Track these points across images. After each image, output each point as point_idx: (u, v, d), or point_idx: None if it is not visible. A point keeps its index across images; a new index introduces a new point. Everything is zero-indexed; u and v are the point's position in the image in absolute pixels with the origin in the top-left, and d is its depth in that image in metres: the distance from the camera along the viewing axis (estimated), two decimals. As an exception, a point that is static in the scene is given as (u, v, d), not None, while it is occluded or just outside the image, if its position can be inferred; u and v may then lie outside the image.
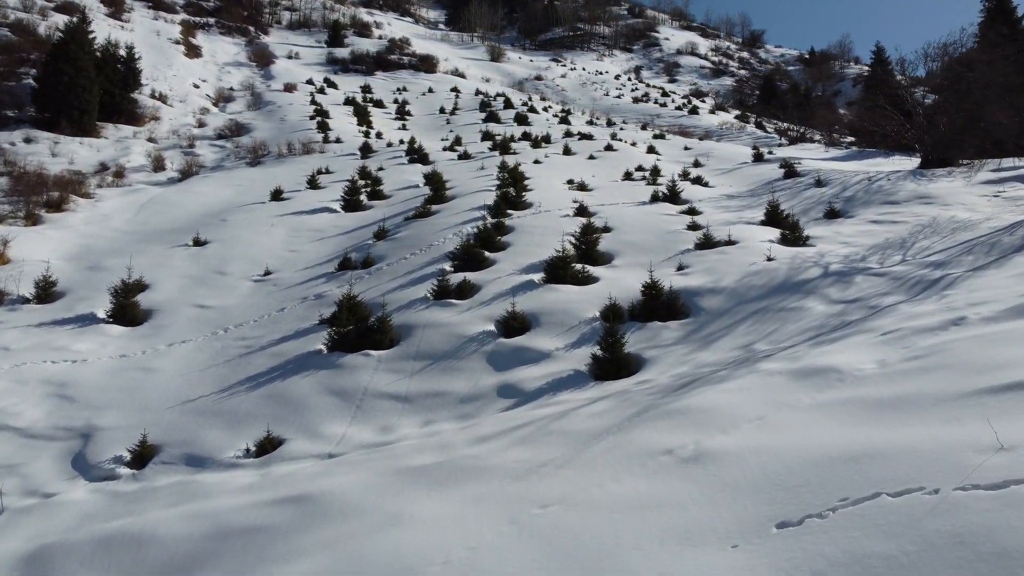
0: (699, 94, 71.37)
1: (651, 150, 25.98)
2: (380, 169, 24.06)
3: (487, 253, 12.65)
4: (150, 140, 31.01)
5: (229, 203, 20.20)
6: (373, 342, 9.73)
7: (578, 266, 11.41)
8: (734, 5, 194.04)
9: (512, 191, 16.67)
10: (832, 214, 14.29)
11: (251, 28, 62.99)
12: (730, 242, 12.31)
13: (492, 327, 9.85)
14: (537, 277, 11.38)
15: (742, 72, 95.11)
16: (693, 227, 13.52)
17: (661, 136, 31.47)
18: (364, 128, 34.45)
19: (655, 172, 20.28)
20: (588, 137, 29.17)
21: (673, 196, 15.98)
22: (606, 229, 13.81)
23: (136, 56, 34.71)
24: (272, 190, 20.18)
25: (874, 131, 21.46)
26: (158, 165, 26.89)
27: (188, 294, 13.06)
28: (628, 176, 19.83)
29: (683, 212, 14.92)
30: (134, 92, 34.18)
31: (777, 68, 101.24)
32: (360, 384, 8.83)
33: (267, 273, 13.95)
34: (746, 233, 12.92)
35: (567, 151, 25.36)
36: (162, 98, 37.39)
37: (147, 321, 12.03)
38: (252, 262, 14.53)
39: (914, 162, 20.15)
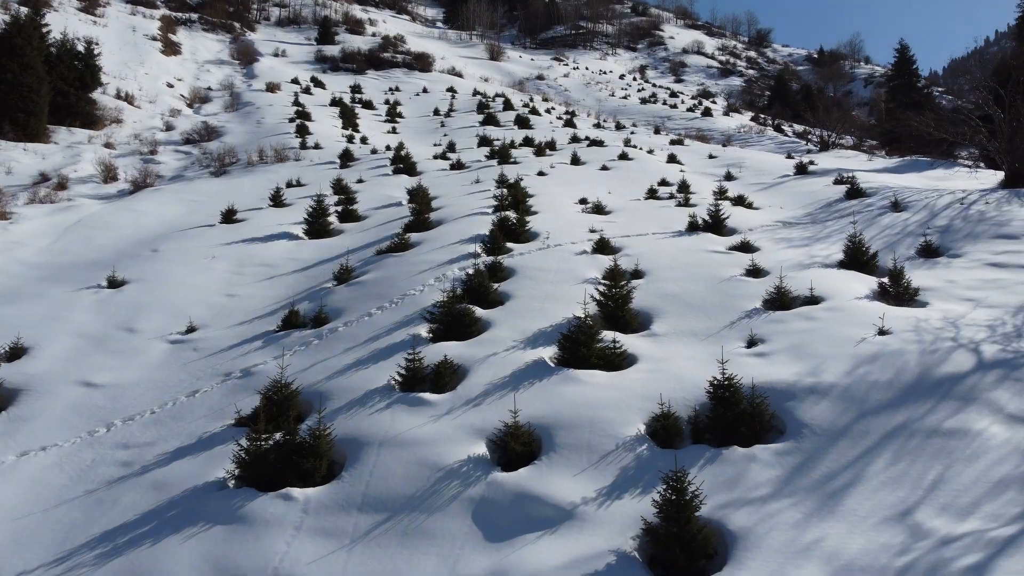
0: (707, 94, 68.04)
1: (672, 159, 22.61)
2: (359, 181, 20.72)
3: (478, 311, 9.29)
4: (107, 146, 27.64)
5: (173, 225, 16.84)
6: (301, 472, 6.38)
7: (607, 336, 8.05)
8: (740, 4, 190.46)
9: (512, 215, 13.33)
10: (929, 252, 10.96)
11: (237, 25, 59.68)
12: (813, 299, 8.95)
13: (482, 448, 6.49)
14: (548, 354, 8.03)
15: (751, 72, 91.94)
16: (754, 272, 10.15)
17: (679, 141, 28.12)
18: (349, 132, 31.13)
19: (684, 188, 16.91)
20: (599, 143, 25.81)
21: (717, 224, 12.62)
22: (637, 274, 10.45)
23: (95, 52, 31.34)
24: (225, 209, 16.81)
25: (943, 139, 18.09)
26: (108, 175, 23.53)
27: (78, 363, 9.70)
28: (653, 194, 16.46)
29: (734, 248, 11.55)
30: (93, 92, 30.82)
31: (786, 68, 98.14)
32: (269, 561, 5.47)
33: (190, 330, 10.59)
34: (828, 282, 9.56)
35: (576, 160, 22.01)
36: (128, 98, 34.06)
37: (7, 408, 8.67)
38: (175, 313, 11.17)
39: (993, 176, 16.83)
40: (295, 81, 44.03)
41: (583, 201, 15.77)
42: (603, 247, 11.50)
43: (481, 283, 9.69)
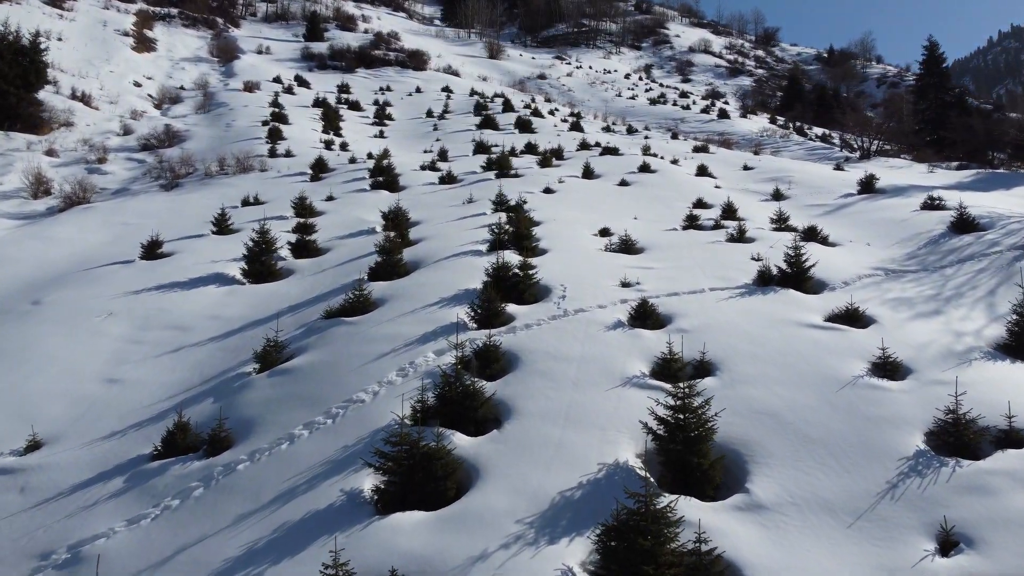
0: (717, 95, 64.52)
1: (702, 171, 19.05)
2: (328, 199, 17.23)
3: (459, 442, 5.75)
4: (48, 153, 24.09)
5: (84, 259, 13.32)
6: None
7: (682, 509, 4.50)
8: (746, 2, 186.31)
9: (514, 258, 9.83)
10: None
11: (220, 20, 56.14)
12: (1015, 436, 5.41)
13: None
14: (578, 557, 4.50)
15: (760, 72, 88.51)
16: (888, 368, 6.60)
17: (704, 148, 24.57)
18: (329, 137, 27.65)
19: (730, 212, 13.38)
20: (613, 151, 22.27)
21: (798, 275, 9.04)
22: (704, 368, 6.89)
23: (42, 46, 27.76)
24: (148, 241, 13.28)
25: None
26: (40, 189, 20.04)
27: None
28: (692, 221, 12.87)
29: (837, 318, 7.96)
30: (39, 91, 27.25)
31: (796, 67, 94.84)
32: None
33: (31, 448, 7.06)
34: (1015, 392, 6.01)
35: (588, 173, 18.49)
36: (84, 99, 30.50)
37: None
38: (21, 413, 7.64)
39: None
40: (277, 80, 40.51)
41: (604, 232, 12.22)
42: (644, 315, 7.93)
43: (466, 392, 6.14)
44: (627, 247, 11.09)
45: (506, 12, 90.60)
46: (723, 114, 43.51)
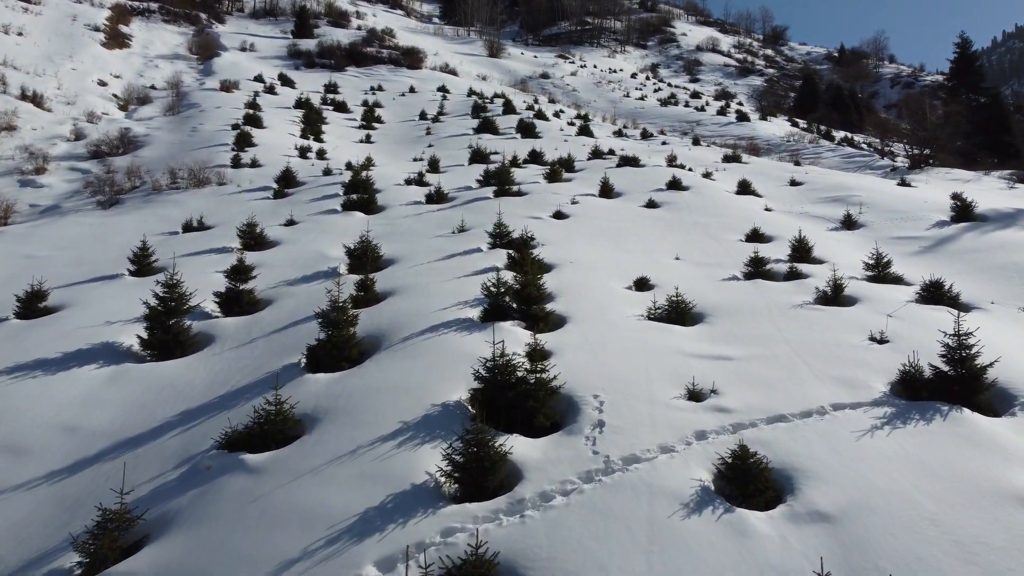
0: (727, 95, 61.18)
1: (745, 188, 15.71)
2: (288, 223, 13.98)
3: None
4: (-21, 162, 20.89)
5: (-53, 314, 10.03)
6: None
7: None
8: (752, 0, 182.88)
9: (520, 331, 6.56)
10: None
11: (203, 16, 52.87)
12: None
13: None
14: None
15: (771, 71, 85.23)
16: None
17: (735, 158, 21.21)
18: (307, 142, 24.39)
19: (803, 250, 10.09)
20: (632, 162, 18.95)
21: (965, 379, 5.74)
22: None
23: (-20, 40, 24.51)
24: (27, 292, 9.99)
25: None
26: (-48, 207, 16.81)
27: None
28: (758, 267, 9.53)
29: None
30: (-25, 91, 24.04)
31: (806, 67, 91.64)
32: None
33: None
34: None
35: (606, 190, 15.19)
36: (35, 99, 27.21)
37: None
38: None
39: None
40: (259, 79, 37.28)
41: (641, 284, 8.91)
42: (747, 477, 4.60)
43: None
44: (679, 313, 7.76)
45: (507, 10, 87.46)
46: (742, 116, 40.11)
